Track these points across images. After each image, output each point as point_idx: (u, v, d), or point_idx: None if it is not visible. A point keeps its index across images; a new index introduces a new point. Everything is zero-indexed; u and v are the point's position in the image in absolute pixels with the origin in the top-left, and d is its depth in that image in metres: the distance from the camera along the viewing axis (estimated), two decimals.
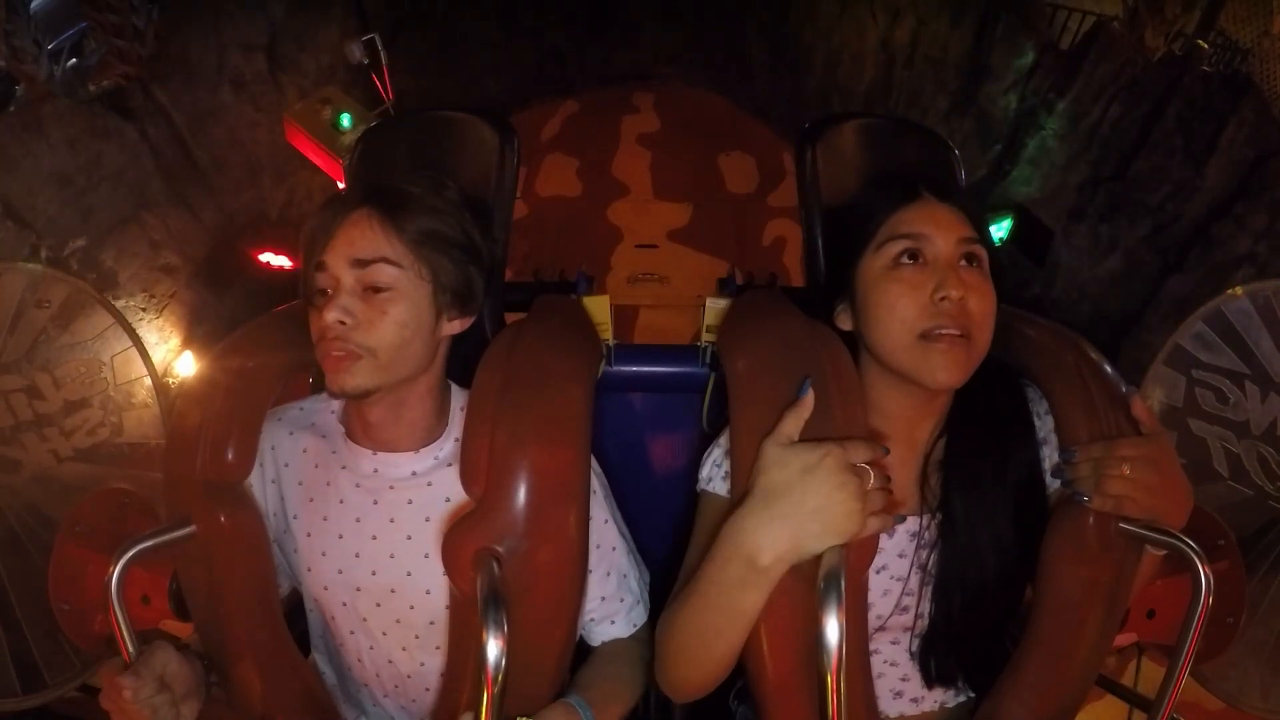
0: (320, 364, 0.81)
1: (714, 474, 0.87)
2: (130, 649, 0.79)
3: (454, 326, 0.87)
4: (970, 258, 0.81)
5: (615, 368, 1.17)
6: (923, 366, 0.78)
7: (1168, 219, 3.11)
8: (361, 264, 0.79)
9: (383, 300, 0.80)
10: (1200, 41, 3.40)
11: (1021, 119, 3.73)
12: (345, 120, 3.25)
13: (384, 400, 0.85)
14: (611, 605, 0.95)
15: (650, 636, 0.88)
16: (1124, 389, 0.81)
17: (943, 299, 0.77)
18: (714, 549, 0.74)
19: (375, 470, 0.88)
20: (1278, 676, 1.42)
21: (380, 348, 0.80)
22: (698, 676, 0.80)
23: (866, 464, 0.71)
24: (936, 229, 0.81)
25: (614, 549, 0.94)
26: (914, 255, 0.81)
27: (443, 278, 0.83)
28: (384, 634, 0.91)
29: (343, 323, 0.78)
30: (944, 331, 0.77)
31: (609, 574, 0.94)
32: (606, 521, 0.93)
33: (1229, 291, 1.46)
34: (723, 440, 0.87)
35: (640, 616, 0.98)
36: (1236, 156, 2.92)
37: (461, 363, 0.91)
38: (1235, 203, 2.88)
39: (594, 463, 0.91)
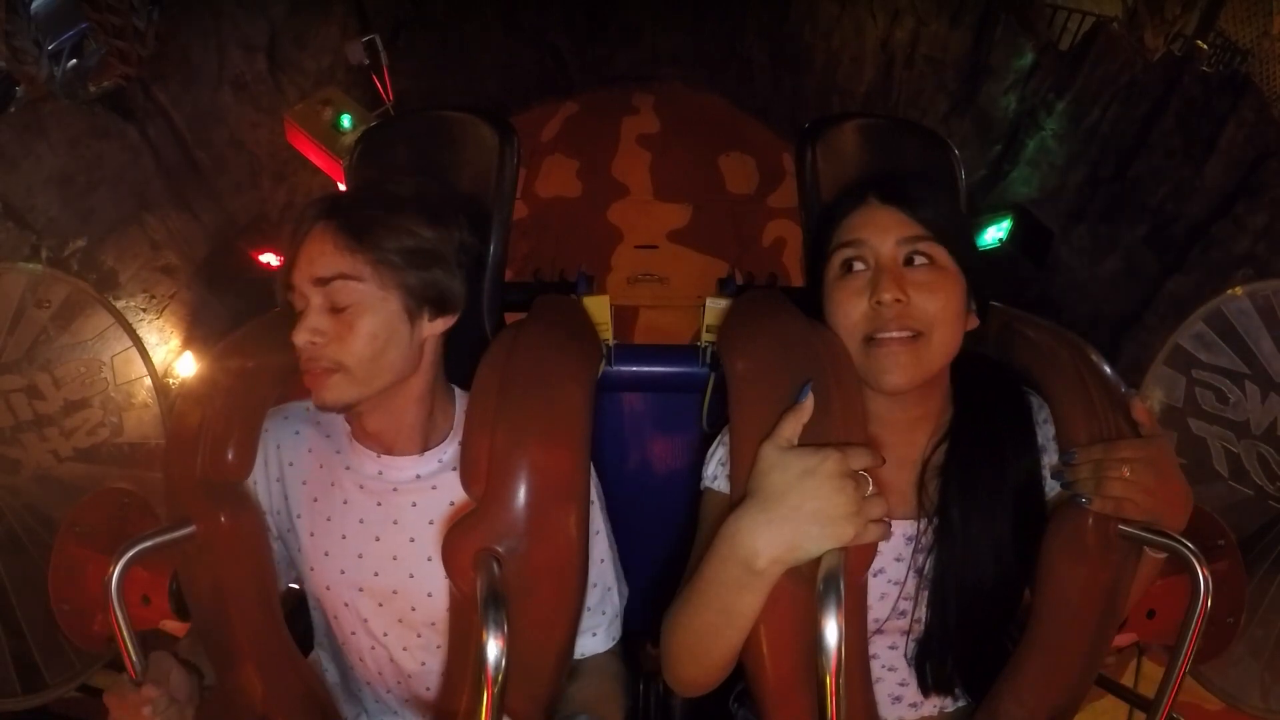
0: (304, 381, 0.82)
1: (719, 472, 0.87)
2: (130, 650, 0.79)
3: (437, 326, 0.85)
4: (915, 256, 0.81)
5: (615, 368, 1.17)
6: (870, 371, 0.79)
7: (1167, 219, 3.11)
8: (323, 282, 0.79)
9: (349, 315, 0.79)
10: (1199, 42, 3.40)
11: (1021, 119, 3.74)
12: (345, 121, 3.25)
13: (376, 408, 0.85)
14: (595, 617, 0.95)
15: (623, 654, 0.90)
16: (1124, 390, 0.81)
17: (878, 302, 0.78)
18: (712, 550, 0.74)
19: (379, 473, 0.89)
20: (1278, 676, 1.42)
21: (352, 362, 0.79)
22: (700, 674, 0.81)
23: (864, 471, 0.71)
24: (874, 232, 0.81)
25: (602, 561, 0.95)
26: (856, 260, 0.82)
27: (409, 284, 0.82)
28: (385, 634, 0.91)
29: (313, 342, 0.79)
30: (884, 334, 0.78)
31: (595, 585, 0.94)
32: (598, 533, 0.93)
33: (1229, 291, 1.46)
34: (726, 438, 0.87)
35: (617, 632, 0.99)
36: (1236, 156, 2.92)
37: (461, 363, 0.91)
38: (1235, 203, 2.88)
39: (591, 473, 0.91)
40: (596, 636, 0.96)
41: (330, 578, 0.90)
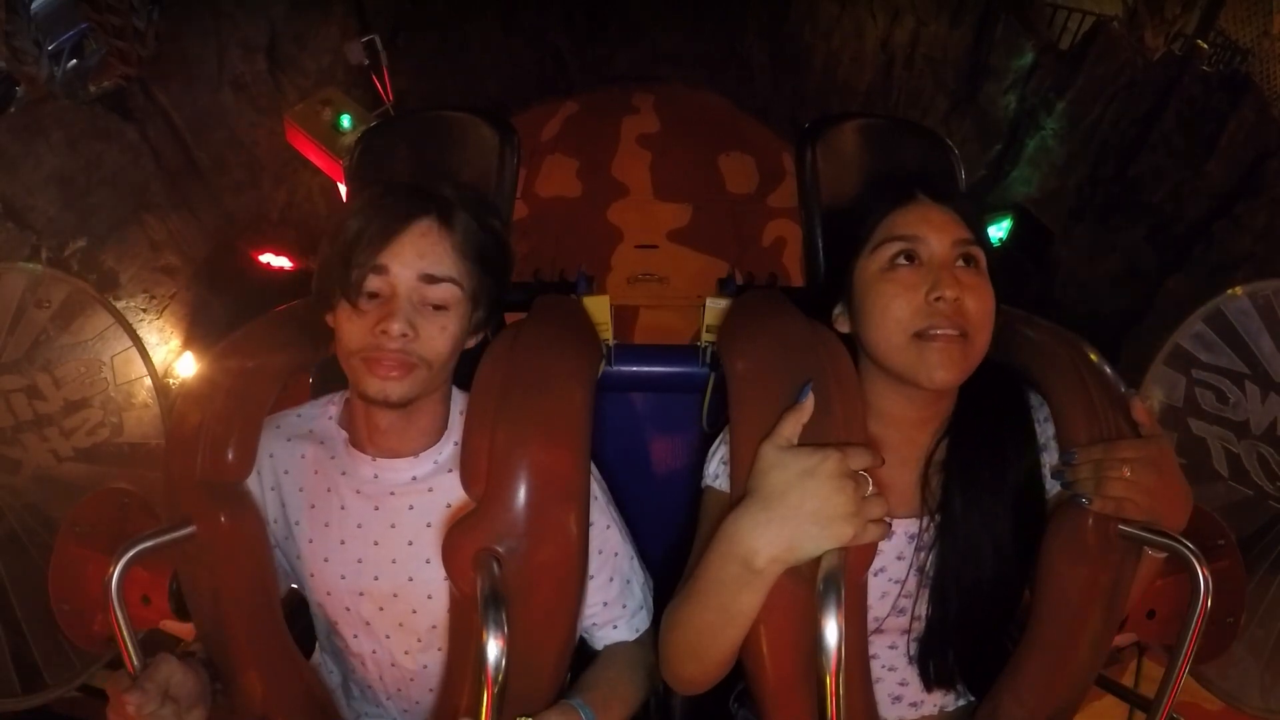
0: (363, 366, 0.80)
1: (720, 471, 0.87)
2: (131, 650, 0.79)
3: (472, 341, 0.89)
4: (967, 258, 0.81)
5: (615, 368, 1.17)
6: (919, 366, 0.78)
7: (1168, 219, 3.11)
8: (431, 280, 0.80)
9: (444, 318, 0.82)
10: (1200, 41, 3.41)
11: (1021, 119, 3.74)
12: (345, 121, 3.25)
13: (404, 405, 0.85)
14: (614, 610, 0.95)
15: (654, 641, 0.88)
16: (1124, 390, 0.81)
17: (938, 299, 0.77)
18: (711, 548, 0.74)
19: (375, 476, 0.88)
20: (1278, 676, 1.42)
21: (435, 361, 0.82)
22: (698, 672, 0.81)
23: (864, 471, 0.71)
24: (931, 230, 0.81)
25: (616, 554, 0.94)
26: (909, 256, 0.81)
27: (485, 300, 0.86)
28: (387, 637, 0.91)
29: (406, 334, 0.79)
30: (939, 331, 0.77)
31: (611, 579, 0.94)
32: (609, 527, 0.93)
33: (1229, 291, 1.46)
34: (729, 437, 0.87)
35: (644, 622, 0.98)
36: (1236, 156, 2.92)
37: (461, 363, 0.91)
38: (1235, 203, 2.89)
39: (594, 469, 0.91)
40: (618, 629, 0.96)
41: (331, 583, 0.90)
